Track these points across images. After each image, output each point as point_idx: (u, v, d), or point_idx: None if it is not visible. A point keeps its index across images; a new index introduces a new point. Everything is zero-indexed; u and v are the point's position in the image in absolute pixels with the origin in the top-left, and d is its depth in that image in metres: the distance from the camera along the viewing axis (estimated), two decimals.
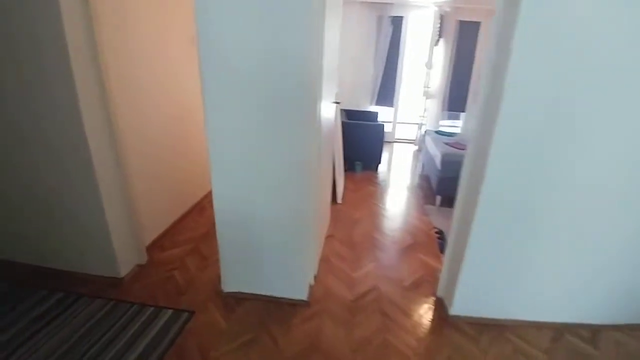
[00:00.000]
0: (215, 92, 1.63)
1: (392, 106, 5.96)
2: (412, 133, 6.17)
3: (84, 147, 1.86)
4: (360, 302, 2.03)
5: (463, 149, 3.56)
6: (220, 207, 1.87)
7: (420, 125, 5.94)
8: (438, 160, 3.41)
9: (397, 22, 5.55)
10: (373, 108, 5.83)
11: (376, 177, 4.33)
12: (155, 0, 2.41)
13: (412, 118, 6.29)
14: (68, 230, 2.10)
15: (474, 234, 1.73)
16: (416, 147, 5.87)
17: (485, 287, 1.84)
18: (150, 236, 2.49)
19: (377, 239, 2.78)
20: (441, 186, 3.35)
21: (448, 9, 5.30)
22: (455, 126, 6.24)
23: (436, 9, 5.32)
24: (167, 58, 2.63)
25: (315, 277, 2.17)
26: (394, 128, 6.07)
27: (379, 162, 4.50)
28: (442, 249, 2.64)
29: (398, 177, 4.45)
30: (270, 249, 1.90)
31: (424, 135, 4.75)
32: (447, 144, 3.75)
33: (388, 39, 5.62)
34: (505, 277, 1.81)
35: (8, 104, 1.88)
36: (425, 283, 2.22)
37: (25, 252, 2.24)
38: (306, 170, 1.71)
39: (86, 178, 1.92)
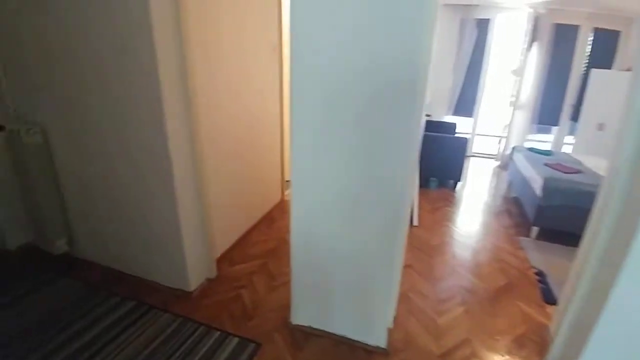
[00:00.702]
0: (304, 103, 1.44)
1: (471, 116, 5.43)
2: (492, 147, 5.57)
3: (167, 161, 1.80)
4: None
5: (569, 172, 3.02)
6: (298, 230, 1.68)
7: (502, 139, 5.32)
8: (538, 185, 2.91)
9: (482, 25, 5.04)
10: (449, 118, 5.36)
11: (453, 196, 3.91)
12: (238, 8, 2.33)
13: (492, 130, 5.68)
14: (144, 239, 2.09)
15: (617, 296, 1.32)
16: (497, 163, 5.26)
17: None
18: (220, 249, 2.42)
19: (462, 274, 2.41)
20: (540, 216, 2.86)
21: (543, 11, 4.66)
22: (545, 141, 5.50)
23: (530, 10, 4.71)
24: (247, 67, 2.54)
25: (395, 319, 1.90)
26: (472, 141, 5.53)
27: (458, 180, 4.06)
28: (546, 298, 2.20)
29: (478, 197, 3.97)
30: (347, 283, 1.67)
31: (511, 151, 4.19)
32: (547, 165, 3.22)
33: (472, 44, 5.12)
34: None
35: (95, 118, 1.91)
36: (530, 343, 1.82)
37: (105, 255, 2.29)
38: (397, 192, 1.44)
39: (165, 189, 1.88)
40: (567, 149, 4.99)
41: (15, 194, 2.30)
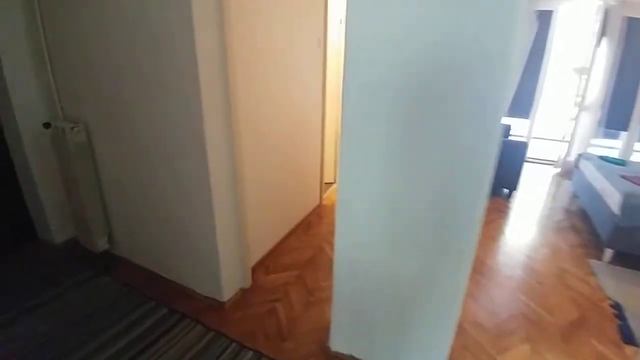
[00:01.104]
0: (357, 105, 1.25)
1: (527, 118, 4.95)
2: (551, 152, 5.05)
3: (203, 166, 1.69)
4: None
5: None
6: (342, 252, 1.49)
7: (563, 143, 4.80)
8: (614, 201, 2.52)
9: (543, 18, 4.55)
10: (503, 119, 4.92)
11: (507, 207, 3.54)
12: (283, 1, 2.17)
13: (551, 133, 5.15)
14: (180, 244, 2.00)
15: None
16: (557, 170, 4.76)
17: None
18: (256, 256, 2.30)
19: (525, 302, 2.12)
20: (617, 237, 2.47)
21: (614, 3, 4.11)
22: (613, 147, 4.91)
23: (599, 2, 4.17)
24: (290, 64, 2.39)
25: (449, 355, 1.66)
26: (528, 145, 5.04)
27: (514, 189, 3.69)
28: (625, 336, 1.86)
29: (536, 208, 3.57)
30: (398, 312, 1.47)
31: (577, 158, 3.74)
32: (625, 178, 2.79)
33: (531, 38, 4.65)
34: None
35: (134, 118, 1.84)
36: None
37: (142, 256, 2.26)
38: (468, 215, 1.21)
39: (201, 194, 1.77)
40: (636, 157, 4.42)
41: (62, 190, 2.32)
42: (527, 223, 3.22)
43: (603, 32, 4.29)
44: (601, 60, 4.36)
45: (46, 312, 1.88)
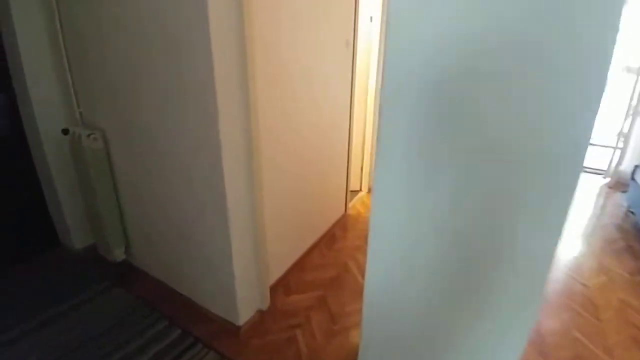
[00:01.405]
0: (399, 112, 1.04)
1: None
2: (599, 160, 4.60)
3: (219, 177, 1.54)
4: None
5: None
6: (372, 297, 1.30)
7: (615, 150, 4.35)
8: None
9: None
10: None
11: None
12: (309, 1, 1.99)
13: (600, 139, 4.70)
14: (195, 259, 1.87)
15: None
16: (607, 180, 4.33)
17: None
18: (275, 274, 2.14)
19: (583, 343, 1.84)
20: None
21: None
22: None
23: None
24: (315, 66, 2.20)
25: None
26: None
27: None
28: None
29: (585, 225, 3.22)
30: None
31: (634, 170, 3.35)
32: None
33: None
34: None
35: (149, 125, 1.72)
36: None
37: (158, 268, 2.15)
38: (547, 258, 0.98)
39: (216, 206, 1.62)
40: None
41: (81, 197, 2.26)
42: (577, 243, 2.89)
43: None
44: None
45: (58, 328, 1.80)
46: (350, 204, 3.21)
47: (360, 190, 3.69)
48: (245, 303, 1.85)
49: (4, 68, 2.02)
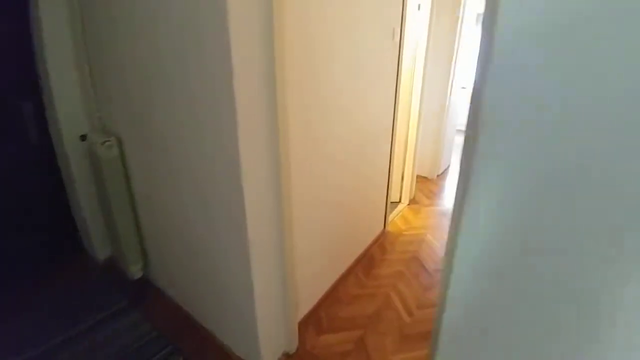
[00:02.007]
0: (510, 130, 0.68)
1: None
2: None
3: (238, 209, 1.23)
4: None
5: None
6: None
7: None
8: None
9: None
10: None
11: None
12: None
13: None
14: (214, 287, 1.59)
15: None
16: None
17: None
18: (304, 307, 1.82)
19: None
20: None
21: None
22: None
23: None
24: (354, 63, 1.85)
25: None
26: None
27: None
28: None
29: None
30: None
31: None
32: None
33: None
34: None
35: (162, 135, 1.45)
36: None
37: (176, 292, 1.90)
38: None
39: (236, 234, 1.32)
40: None
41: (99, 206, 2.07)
42: None
43: None
44: None
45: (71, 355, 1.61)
46: (389, 218, 2.83)
47: (400, 201, 3.30)
48: (269, 344, 1.54)
49: (31, 77, 1.86)
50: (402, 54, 2.38)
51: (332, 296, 2.00)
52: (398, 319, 1.85)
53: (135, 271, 1.98)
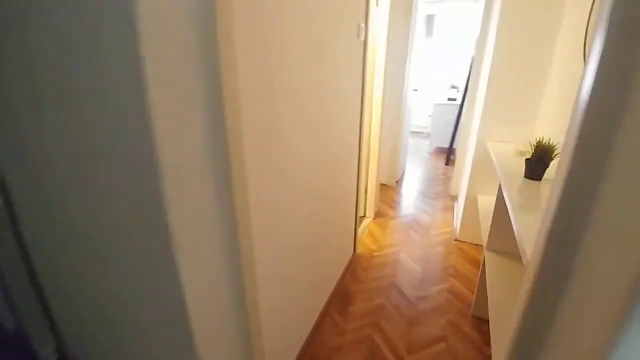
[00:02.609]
0: None
1: None
2: None
3: (176, 297, 0.80)
4: None
5: None
6: None
7: None
8: None
9: None
10: None
11: None
12: None
13: None
14: None
15: None
16: None
17: None
18: None
19: None
20: None
21: None
22: None
23: None
24: (316, 66, 1.49)
25: None
26: None
27: None
28: None
29: None
30: None
31: None
32: None
33: None
34: None
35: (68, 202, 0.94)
36: None
37: None
38: None
39: (174, 321, 0.88)
40: None
41: None
42: None
43: None
44: None
45: None
46: (358, 236, 2.53)
47: (365, 215, 3.02)
48: None
49: None
50: (366, 56, 2.08)
51: (307, 355, 1.62)
52: None
53: (46, 355, 1.41)
